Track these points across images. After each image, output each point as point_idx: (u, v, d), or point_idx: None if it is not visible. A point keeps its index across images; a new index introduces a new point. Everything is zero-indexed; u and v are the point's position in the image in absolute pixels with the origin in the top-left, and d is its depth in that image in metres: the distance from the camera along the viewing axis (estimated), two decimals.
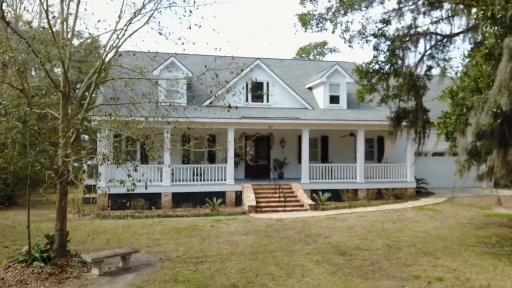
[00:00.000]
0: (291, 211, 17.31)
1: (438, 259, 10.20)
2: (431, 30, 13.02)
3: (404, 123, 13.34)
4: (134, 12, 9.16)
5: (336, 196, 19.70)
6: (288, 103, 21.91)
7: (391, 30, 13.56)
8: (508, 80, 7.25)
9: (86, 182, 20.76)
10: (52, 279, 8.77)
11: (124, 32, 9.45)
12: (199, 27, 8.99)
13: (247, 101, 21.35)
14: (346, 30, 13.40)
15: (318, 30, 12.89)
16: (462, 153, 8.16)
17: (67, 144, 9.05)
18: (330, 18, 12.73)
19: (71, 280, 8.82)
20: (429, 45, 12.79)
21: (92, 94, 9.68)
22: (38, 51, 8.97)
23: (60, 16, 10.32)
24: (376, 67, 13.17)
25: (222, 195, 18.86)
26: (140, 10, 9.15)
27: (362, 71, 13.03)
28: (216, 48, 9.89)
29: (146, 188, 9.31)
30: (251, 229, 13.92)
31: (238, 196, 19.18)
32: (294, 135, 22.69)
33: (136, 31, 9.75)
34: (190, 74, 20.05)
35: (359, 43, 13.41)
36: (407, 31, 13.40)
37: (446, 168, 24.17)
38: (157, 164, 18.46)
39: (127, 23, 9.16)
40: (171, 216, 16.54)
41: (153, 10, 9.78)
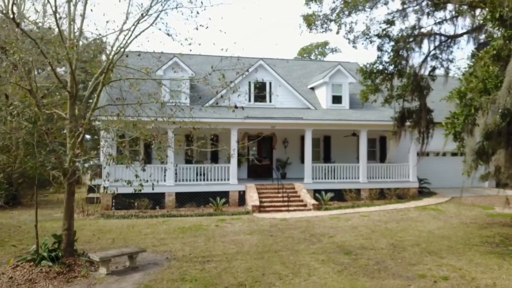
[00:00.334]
0: (295, 210, 17.38)
1: (443, 258, 10.27)
2: (435, 31, 13.08)
3: (408, 123, 13.40)
4: (142, 13, 9.23)
5: (338, 196, 19.76)
6: (290, 103, 21.98)
7: (395, 30, 13.62)
8: None
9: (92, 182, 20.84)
10: (61, 278, 8.84)
11: (132, 33, 9.52)
12: (206, 28, 9.04)
13: (250, 101, 21.40)
14: (350, 31, 13.49)
15: (323, 31, 12.97)
16: (470, 153, 8.21)
17: (75, 144, 9.14)
18: (334, 19, 12.80)
19: (79, 279, 8.89)
20: (433, 45, 12.88)
21: (100, 94, 9.72)
22: (46, 51, 9.01)
23: (67, 16, 10.41)
24: (380, 67, 13.25)
25: (225, 195, 18.93)
26: (148, 11, 9.22)
27: (366, 71, 13.10)
28: (222, 49, 9.94)
29: (153, 188, 9.38)
30: (256, 228, 13.99)
31: (241, 196, 19.25)
32: (297, 135, 22.75)
33: (143, 31, 9.83)
34: (193, 74, 20.14)
35: (363, 43, 13.51)
36: (411, 32, 13.46)
37: (448, 168, 24.32)
38: (160, 164, 18.50)
39: (135, 23, 9.23)
40: (175, 215, 16.61)
41: (159, 12, 9.86)
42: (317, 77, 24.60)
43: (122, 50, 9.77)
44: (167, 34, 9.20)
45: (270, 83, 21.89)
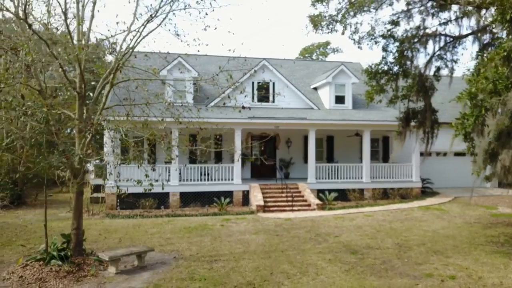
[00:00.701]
0: (299, 210, 17.45)
1: (449, 257, 10.34)
2: (440, 32, 13.14)
3: (413, 123, 13.47)
4: (151, 14, 9.29)
5: (342, 195, 19.82)
6: (294, 103, 22.04)
7: (399, 31, 13.68)
8: None
9: (94, 181, 20.94)
10: (70, 277, 8.91)
11: (140, 34, 9.58)
12: (214, 28, 9.11)
13: (254, 101, 21.45)
14: (356, 32, 13.55)
15: (328, 32, 13.04)
16: (481, 154, 8.27)
17: (84, 144, 9.20)
18: (340, 19, 12.86)
19: (88, 278, 8.96)
20: (438, 46, 12.94)
21: (108, 94, 9.78)
22: (54, 52, 9.07)
23: (75, 17, 10.47)
24: (385, 68, 13.31)
25: (229, 194, 18.99)
26: (157, 11, 9.28)
27: (372, 72, 13.16)
28: (230, 50, 10.01)
29: (163, 188, 9.45)
30: (261, 228, 14.06)
31: (245, 195, 19.31)
32: (300, 135, 22.82)
33: (150, 32, 9.88)
34: (196, 74, 20.21)
35: (368, 44, 13.57)
36: (415, 32, 13.52)
37: (450, 168, 24.40)
38: (164, 164, 18.56)
39: (144, 23, 9.30)
40: (180, 215, 16.68)
41: (166, 13, 9.92)
42: (320, 77, 24.68)
43: (130, 50, 9.84)
44: (177, 35, 9.26)
45: (274, 83, 21.95)
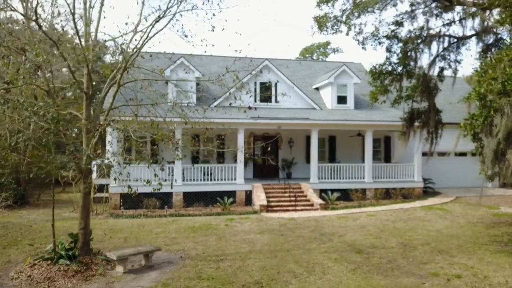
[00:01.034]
0: (302, 210, 17.51)
1: (454, 257, 10.41)
2: (443, 32, 13.21)
3: (417, 123, 13.54)
4: (159, 15, 9.35)
5: (344, 195, 19.88)
6: (296, 103, 22.09)
7: (403, 32, 13.74)
8: None
9: (97, 181, 20.95)
10: (79, 276, 8.96)
11: (148, 34, 9.64)
12: (222, 29, 9.17)
13: (256, 101, 21.49)
14: (360, 32, 13.63)
15: (333, 32, 13.12)
16: (490, 154, 8.35)
17: (92, 144, 9.26)
18: (344, 20, 12.93)
19: (97, 277, 9.01)
20: (442, 47, 13.01)
21: (116, 95, 9.83)
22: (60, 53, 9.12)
23: (81, 18, 10.52)
24: (389, 68, 13.37)
25: (232, 194, 19.04)
26: (165, 12, 9.34)
27: (376, 72, 13.22)
28: (236, 50, 10.07)
29: (171, 187, 9.54)
30: (265, 228, 14.12)
31: (248, 195, 19.37)
32: (302, 135, 22.88)
33: (158, 32, 9.94)
34: (199, 75, 20.27)
35: (372, 44, 13.66)
36: (419, 33, 13.60)
37: (452, 168, 24.50)
38: (167, 164, 18.58)
39: (152, 23, 9.35)
40: (183, 215, 16.73)
41: (173, 14, 9.98)
42: (321, 77, 24.74)
43: (138, 51, 9.90)
44: (184, 36, 9.31)
45: (276, 84, 22.00)
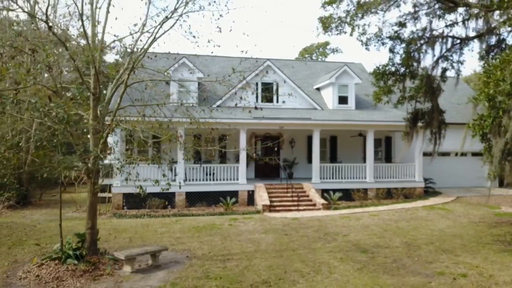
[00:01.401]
0: (304, 210, 17.58)
1: (458, 256, 10.50)
2: (446, 33, 13.31)
3: (420, 124, 13.63)
4: (166, 16, 9.40)
5: (346, 195, 19.96)
6: (297, 103, 22.15)
7: (406, 33, 13.82)
8: None
9: (103, 182, 20.95)
10: (87, 276, 9.00)
11: (155, 35, 9.69)
12: (229, 30, 9.23)
13: (257, 101, 21.54)
14: (363, 33, 13.70)
15: (338, 33, 13.20)
16: (498, 154, 8.44)
17: (100, 144, 9.30)
18: (348, 21, 13.00)
19: (105, 277, 9.05)
20: (445, 48, 13.10)
21: (123, 95, 9.87)
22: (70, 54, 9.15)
23: (87, 18, 10.56)
24: (392, 69, 13.45)
25: (234, 194, 19.09)
26: (173, 13, 9.39)
27: (379, 73, 13.30)
28: (243, 51, 10.10)
29: (180, 187, 9.58)
30: (269, 227, 14.18)
31: (250, 195, 19.43)
32: (303, 135, 22.95)
33: (164, 32, 9.99)
34: (201, 75, 20.30)
35: (375, 45, 13.72)
36: (421, 34, 13.69)
37: (452, 168, 24.64)
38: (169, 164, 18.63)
39: (160, 23, 9.40)
40: (187, 215, 16.77)
41: (179, 15, 10.03)
42: (323, 77, 24.83)
43: (144, 51, 9.94)
44: (193, 36, 9.37)
45: (277, 84, 22.08)
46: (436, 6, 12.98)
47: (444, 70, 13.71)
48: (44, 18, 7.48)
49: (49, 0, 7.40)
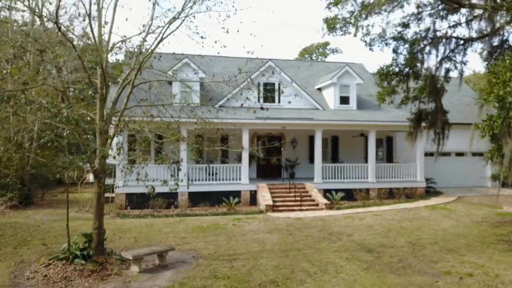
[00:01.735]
0: (307, 210, 17.63)
1: (463, 256, 10.56)
2: (450, 34, 13.37)
3: (424, 124, 13.69)
4: (174, 16, 9.43)
5: (348, 195, 20.01)
6: (299, 103, 22.18)
7: (409, 33, 13.89)
8: None
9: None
10: (95, 276, 9.02)
11: (163, 35, 9.72)
12: (237, 31, 9.26)
13: (259, 101, 21.54)
14: (367, 34, 13.76)
15: (342, 34, 13.25)
16: (508, 154, 8.50)
17: (104, 144, 9.33)
18: (353, 22, 13.06)
19: (112, 277, 9.07)
20: (448, 48, 13.16)
21: (130, 95, 9.90)
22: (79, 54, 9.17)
23: (93, 19, 10.57)
24: (396, 69, 13.51)
25: (237, 194, 19.13)
26: (180, 13, 9.42)
27: (383, 73, 13.36)
28: (249, 51, 10.13)
29: (188, 187, 9.60)
30: (273, 227, 14.22)
31: (253, 195, 19.46)
32: (305, 135, 23.00)
33: (171, 33, 10.02)
34: (203, 75, 20.31)
35: (379, 45, 13.80)
36: (425, 34, 13.75)
37: (453, 168, 24.74)
38: (171, 164, 18.64)
39: (168, 23, 9.43)
40: (190, 215, 16.80)
41: (186, 15, 10.05)
42: (324, 77, 24.88)
43: (151, 51, 9.97)
44: (201, 37, 9.39)
45: (279, 84, 22.12)
46: (440, 7, 13.04)
47: (448, 71, 13.79)
48: (53, 19, 7.49)
49: (59, 1, 7.43)
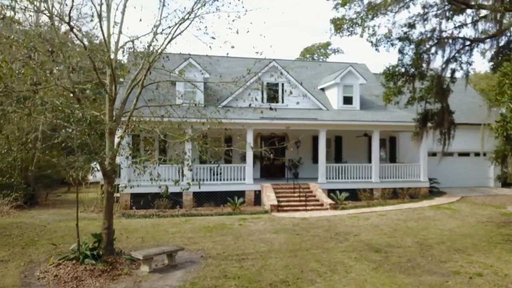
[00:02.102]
0: (312, 210, 17.66)
1: (471, 255, 10.60)
2: (456, 35, 13.42)
3: (429, 124, 13.73)
4: (183, 17, 9.46)
5: (352, 195, 20.04)
6: (303, 103, 22.10)
7: (415, 34, 13.92)
8: None
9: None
10: (105, 275, 9.04)
11: (172, 35, 9.75)
12: (247, 31, 9.30)
13: (263, 101, 21.57)
14: (373, 34, 13.80)
15: (349, 34, 13.29)
16: None
17: (115, 144, 9.35)
18: (359, 22, 13.10)
19: (123, 277, 9.09)
20: (454, 49, 13.21)
21: (139, 96, 9.92)
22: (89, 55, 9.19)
23: (101, 19, 10.58)
24: (402, 70, 13.55)
25: (241, 194, 19.15)
26: (190, 14, 9.45)
27: (389, 73, 13.40)
28: (257, 52, 10.16)
29: (199, 187, 9.66)
30: (279, 227, 14.25)
31: (257, 195, 19.49)
32: (309, 135, 23.00)
33: (180, 33, 10.05)
34: (207, 75, 20.33)
35: (385, 46, 13.87)
36: (430, 35, 13.79)
37: (456, 168, 24.80)
38: (176, 164, 18.65)
39: (178, 23, 9.46)
40: (195, 215, 16.83)
41: (195, 15, 10.08)
42: (327, 78, 24.91)
43: (161, 52, 10.00)
44: (212, 38, 9.42)
45: (283, 84, 22.14)
46: (446, 7, 13.09)
47: (453, 71, 13.83)
48: (67, 19, 7.52)
49: (73, 2, 7.45)
